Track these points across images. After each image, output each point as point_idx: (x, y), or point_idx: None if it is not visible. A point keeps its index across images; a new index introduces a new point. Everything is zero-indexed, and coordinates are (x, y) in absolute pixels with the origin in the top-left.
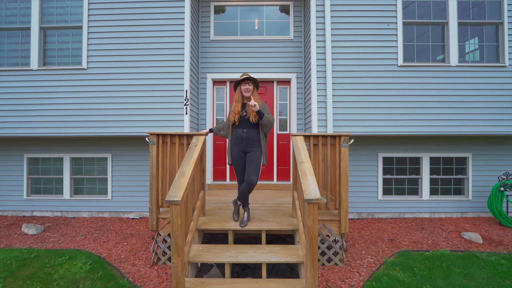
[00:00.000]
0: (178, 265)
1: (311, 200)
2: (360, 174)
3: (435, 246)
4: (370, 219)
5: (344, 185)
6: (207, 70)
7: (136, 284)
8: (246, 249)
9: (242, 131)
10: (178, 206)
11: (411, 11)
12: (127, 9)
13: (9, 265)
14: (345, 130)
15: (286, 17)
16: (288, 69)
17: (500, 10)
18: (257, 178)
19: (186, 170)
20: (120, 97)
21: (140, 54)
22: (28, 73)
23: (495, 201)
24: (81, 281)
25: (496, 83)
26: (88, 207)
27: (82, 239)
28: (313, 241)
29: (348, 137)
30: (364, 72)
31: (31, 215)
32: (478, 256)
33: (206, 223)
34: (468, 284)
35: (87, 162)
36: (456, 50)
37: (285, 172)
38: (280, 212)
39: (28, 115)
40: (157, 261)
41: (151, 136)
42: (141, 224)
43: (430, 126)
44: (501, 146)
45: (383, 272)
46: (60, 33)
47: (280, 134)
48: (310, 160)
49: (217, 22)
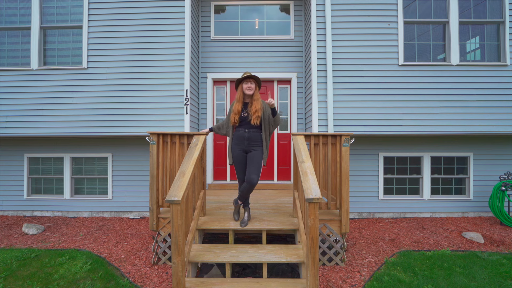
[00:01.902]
0: (178, 264)
1: (312, 199)
2: (361, 173)
3: (436, 246)
4: (371, 218)
5: (345, 185)
6: (208, 70)
7: (136, 284)
8: (247, 248)
9: (244, 131)
10: (178, 205)
11: (412, 10)
12: (127, 9)
13: (9, 265)
14: (346, 129)
15: (287, 16)
16: (289, 69)
17: (501, 9)
18: (257, 178)
19: (187, 169)
20: (120, 97)
21: (140, 53)
22: (29, 73)
23: (496, 201)
24: (82, 281)
25: (497, 83)
26: (89, 207)
27: (82, 239)
28: (314, 241)
29: (349, 136)
30: (364, 71)
31: (31, 215)
32: (480, 256)
33: (207, 223)
34: (469, 284)
35: (88, 162)
36: (457, 50)
37: (286, 172)
38: (280, 212)
39: (29, 115)
40: (158, 261)
41: (151, 136)
42: (141, 224)
43: (431, 126)
44: (502, 146)
45: (384, 272)
46: (60, 33)
47: (280, 133)
48: (310, 160)
49: (217, 22)
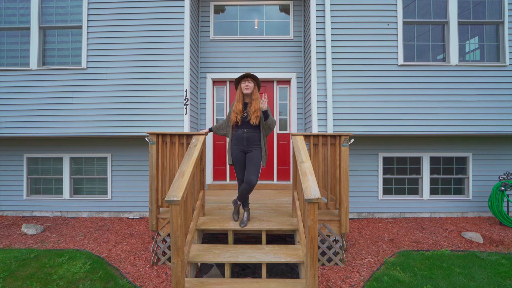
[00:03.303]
0: (178, 265)
1: (312, 200)
2: (360, 173)
3: (435, 246)
4: (370, 219)
5: (344, 185)
6: (207, 70)
7: (136, 284)
8: (246, 249)
9: (243, 131)
10: (177, 206)
11: (411, 11)
12: (127, 9)
13: (8, 265)
14: (345, 129)
15: (286, 16)
16: (288, 69)
17: (500, 9)
18: (257, 178)
19: (186, 169)
20: (120, 97)
21: (139, 54)
22: (28, 73)
23: (496, 201)
24: (81, 281)
25: (496, 83)
26: (88, 207)
27: (81, 239)
28: (314, 241)
29: (348, 136)
30: (364, 71)
31: (30, 215)
32: (479, 256)
33: (206, 223)
34: (468, 284)
35: (87, 162)
36: (456, 50)
37: (285, 172)
38: (280, 212)
39: (28, 115)
40: (157, 261)
41: (150, 136)
42: (141, 224)
43: (430, 126)
44: (502, 146)
45: (384, 272)
46: (59, 33)
47: (280, 133)
48: (310, 160)
49: (217, 22)
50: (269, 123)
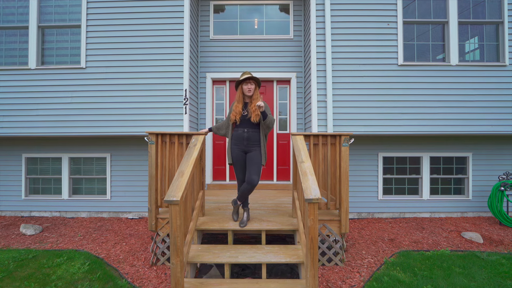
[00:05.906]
0: (177, 265)
1: (312, 200)
2: (360, 173)
3: (435, 246)
4: (370, 219)
5: (344, 185)
6: (207, 70)
7: (135, 285)
8: (246, 249)
9: (243, 131)
10: (177, 206)
11: (411, 10)
12: (126, 8)
13: (6, 266)
14: (345, 129)
15: (286, 16)
16: (288, 69)
17: (500, 9)
18: (258, 178)
19: (185, 169)
20: (119, 97)
21: (139, 53)
22: (26, 72)
23: (495, 201)
24: (80, 281)
25: (496, 83)
26: (87, 207)
27: (80, 240)
28: (314, 241)
29: (348, 136)
30: (364, 71)
31: (29, 215)
32: (479, 256)
33: (206, 223)
34: (469, 284)
35: (86, 162)
36: (456, 50)
37: (285, 172)
38: (280, 212)
39: (26, 114)
40: (156, 262)
41: (150, 136)
42: (140, 224)
43: (430, 126)
44: (502, 146)
45: (384, 272)
46: (58, 32)
47: (280, 133)
48: (310, 160)
49: (216, 21)
50: (268, 122)
